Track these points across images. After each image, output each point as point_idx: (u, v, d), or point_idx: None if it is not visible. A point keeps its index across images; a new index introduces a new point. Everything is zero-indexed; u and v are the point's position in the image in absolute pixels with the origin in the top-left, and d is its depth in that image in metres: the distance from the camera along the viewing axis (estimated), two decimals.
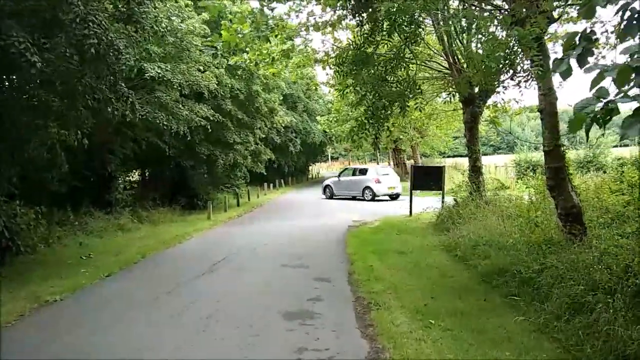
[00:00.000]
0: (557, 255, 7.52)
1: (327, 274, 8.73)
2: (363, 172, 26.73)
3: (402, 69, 7.31)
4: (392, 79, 7.35)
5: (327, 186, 27.28)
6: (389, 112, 7.73)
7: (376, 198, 24.36)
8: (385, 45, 7.54)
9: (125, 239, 13.37)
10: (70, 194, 15.19)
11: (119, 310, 6.73)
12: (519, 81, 6.74)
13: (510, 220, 11.07)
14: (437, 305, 6.84)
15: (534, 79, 8.72)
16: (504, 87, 6.55)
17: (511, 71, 6.64)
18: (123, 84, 12.05)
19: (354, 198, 25.15)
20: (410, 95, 7.26)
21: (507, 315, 6.36)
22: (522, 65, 7.15)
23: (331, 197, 26.41)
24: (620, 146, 35.57)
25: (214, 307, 6.70)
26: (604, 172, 21.53)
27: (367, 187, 24.82)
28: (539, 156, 29.10)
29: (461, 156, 61.04)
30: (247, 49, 12.75)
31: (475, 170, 14.58)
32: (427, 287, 7.80)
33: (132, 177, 24.19)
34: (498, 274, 8.00)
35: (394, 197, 24.82)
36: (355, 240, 12.26)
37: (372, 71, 7.16)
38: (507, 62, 6.12)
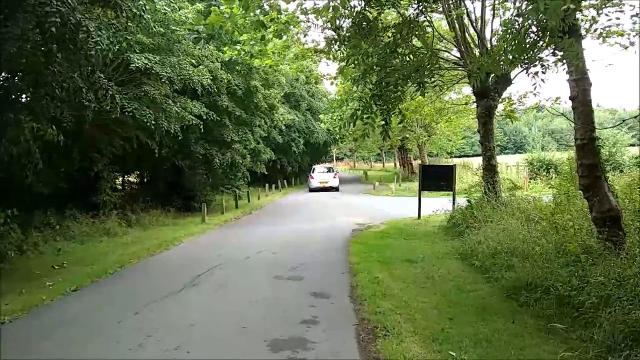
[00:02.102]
0: (597, 267, 6.36)
1: (326, 288, 7.55)
2: (311, 170, 35.40)
3: (417, 37, 6.07)
4: (404, 50, 6.12)
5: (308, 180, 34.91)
6: (401, 90, 6.48)
7: (312, 189, 32.27)
8: (392, 13, 6.30)
9: (109, 245, 12.25)
10: (54, 196, 14.16)
11: (71, 338, 5.57)
12: (563, 55, 5.51)
13: (532, 224, 9.92)
14: (456, 329, 5.66)
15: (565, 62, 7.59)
16: (542, 65, 5.35)
17: (552, 46, 5.42)
18: (102, 75, 11.02)
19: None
20: (426, 72, 6.01)
21: (545, 344, 5.19)
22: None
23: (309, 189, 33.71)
24: (634, 145, 34.41)
25: (185, 334, 5.52)
26: (621, 171, 20.36)
27: (308, 181, 33.76)
28: (551, 155, 27.96)
29: (467, 156, 59.93)
30: (241, 38, 11.66)
31: (490, 168, 13.39)
32: (443, 305, 6.62)
33: (132, 177, 23.29)
34: (526, 289, 6.83)
35: (333, 189, 32.03)
36: (359, 247, 11.07)
37: (378, 41, 5.94)
38: (546, 32, 4.94)
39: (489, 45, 13.13)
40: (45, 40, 8.57)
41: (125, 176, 22.99)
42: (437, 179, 16.09)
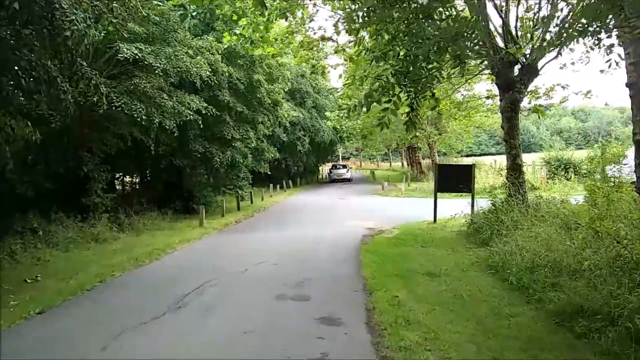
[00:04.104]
0: None
1: (337, 312, 6.30)
2: (331, 167, 47.59)
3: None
4: (442, 14, 4.78)
5: (329, 174, 45.73)
6: (437, 66, 5.16)
7: (331, 180, 42.94)
8: None
9: (95, 253, 11.09)
10: (40, 198, 13.02)
11: None
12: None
13: (571, 232, 8.69)
14: None
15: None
16: (617, 36, 4.12)
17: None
18: (84, 62, 9.86)
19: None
20: (468, 42, 4.67)
21: None
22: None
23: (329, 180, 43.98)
24: None
25: None
26: None
27: (328, 174, 45.51)
28: (570, 154, 26.62)
29: (475, 155, 58.44)
30: (240, 22, 10.49)
31: (515, 168, 12.15)
32: (480, 337, 5.39)
33: (131, 177, 22.22)
34: (581, 315, 5.60)
35: (347, 180, 42.08)
36: (372, 257, 9.82)
37: (408, 7, 4.63)
38: None
39: (514, 32, 11.95)
40: (11, 18, 7.46)
41: (127, 177, 21.95)
42: (455, 179, 14.79)
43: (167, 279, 8.49)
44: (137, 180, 22.44)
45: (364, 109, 5.38)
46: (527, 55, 11.82)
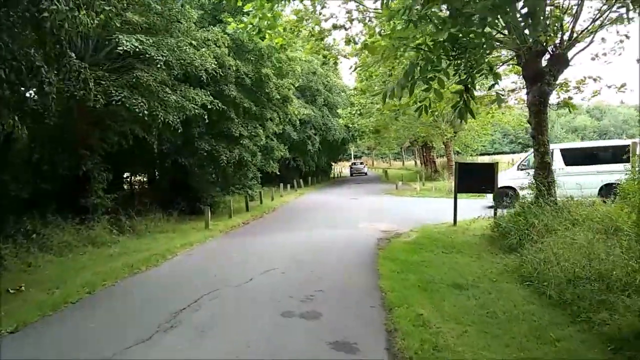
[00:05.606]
0: None
1: (352, 335, 5.40)
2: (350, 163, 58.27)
3: None
4: None
5: (350, 169, 56.09)
6: (489, 31, 4.15)
7: (351, 174, 53.73)
8: None
9: (90, 259, 10.33)
10: (37, 199, 12.31)
11: None
12: None
13: (612, 237, 7.73)
14: None
15: None
16: None
17: None
18: (73, 55, 9.11)
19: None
20: None
21: None
22: None
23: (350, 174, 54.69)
24: None
25: None
26: None
27: (350, 169, 55.44)
28: None
29: (488, 154, 57.15)
30: (246, 8, 9.65)
31: (544, 166, 11.16)
32: None
33: (139, 177, 21.61)
34: None
35: (364, 173, 53.57)
36: (390, 265, 8.89)
37: None
38: None
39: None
40: None
41: (135, 176, 21.31)
42: (476, 179, 13.83)
43: (162, 290, 7.65)
44: (145, 179, 21.79)
45: (405, 91, 4.34)
46: (557, 45, 10.90)
